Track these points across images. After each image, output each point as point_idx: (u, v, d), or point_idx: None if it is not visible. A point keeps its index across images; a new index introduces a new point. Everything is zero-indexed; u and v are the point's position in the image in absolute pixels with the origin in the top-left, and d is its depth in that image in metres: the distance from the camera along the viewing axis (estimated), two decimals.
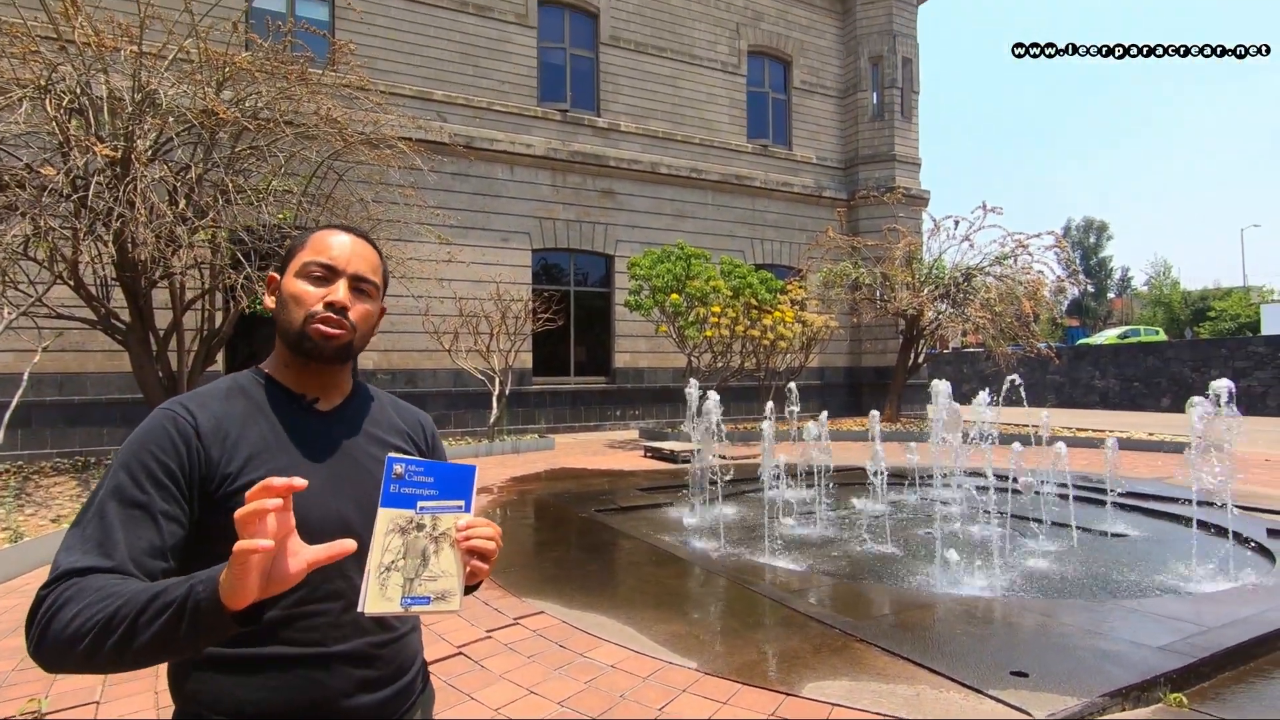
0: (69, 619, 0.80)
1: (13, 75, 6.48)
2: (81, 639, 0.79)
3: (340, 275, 1.08)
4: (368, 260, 1.12)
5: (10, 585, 4.47)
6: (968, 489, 5.80)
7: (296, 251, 1.10)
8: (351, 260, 1.09)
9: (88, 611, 0.80)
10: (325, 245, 1.09)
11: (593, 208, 14.66)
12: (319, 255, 1.08)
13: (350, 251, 1.10)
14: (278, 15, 10.90)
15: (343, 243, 1.10)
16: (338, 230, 1.13)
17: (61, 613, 0.81)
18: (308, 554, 0.82)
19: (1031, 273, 13.61)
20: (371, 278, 1.11)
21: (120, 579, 0.85)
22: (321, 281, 1.07)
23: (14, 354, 8.57)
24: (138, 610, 0.79)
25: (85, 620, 0.79)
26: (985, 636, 3.33)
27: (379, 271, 1.14)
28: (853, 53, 17.99)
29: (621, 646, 3.26)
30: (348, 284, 1.08)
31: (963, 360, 27.32)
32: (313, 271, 1.07)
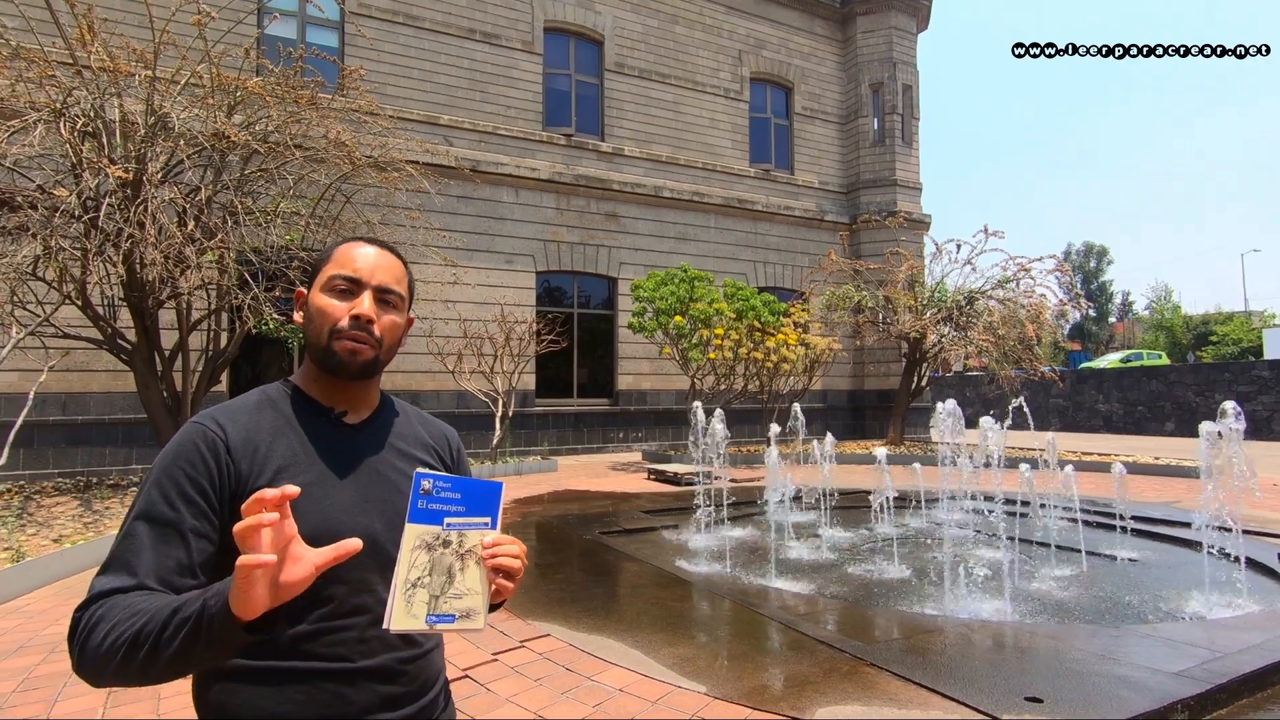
0: (101, 638, 0.82)
1: (29, 99, 6.59)
2: (114, 656, 0.81)
3: (365, 288, 1.07)
4: (392, 271, 1.11)
5: (11, 606, 4.43)
6: (975, 512, 5.77)
7: (322, 265, 1.10)
8: (376, 272, 1.09)
9: (117, 630, 0.82)
10: (349, 258, 1.09)
11: (597, 230, 14.77)
12: (343, 268, 1.07)
13: (374, 263, 1.09)
14: (289, 42, 11.11)
15: (367, 255, 1.10)
16: (362, 242, 1.12)
17: (94, 633, 0.83)
18: (313, 557, 0.82)
19: (1034, 296, 13.66)
20: (396, 289, 1.11)
21: (147, 595, 0.87)
22: (346, 295, 1.07)
23: (19, 373, 8.60)
24: (160, 626, 0.80)
25: (115, 638, 0.81)
26: (997, 661, 3.29)
27: (404, 282, 1.14)
28: (854, 79, 18.25)
29: (629, 670, 3.22)
30: (372, 296, 1.07)
31: (965, 383, 27.29)
32: (337, 285, 1.07)
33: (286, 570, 0.79)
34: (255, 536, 0.77)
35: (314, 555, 0.82)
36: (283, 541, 0.79)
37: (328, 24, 12.57)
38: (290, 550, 0.80)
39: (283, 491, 0.79)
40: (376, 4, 12.95)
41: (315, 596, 0.95)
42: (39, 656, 3.53)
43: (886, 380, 17.01)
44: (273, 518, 0.77)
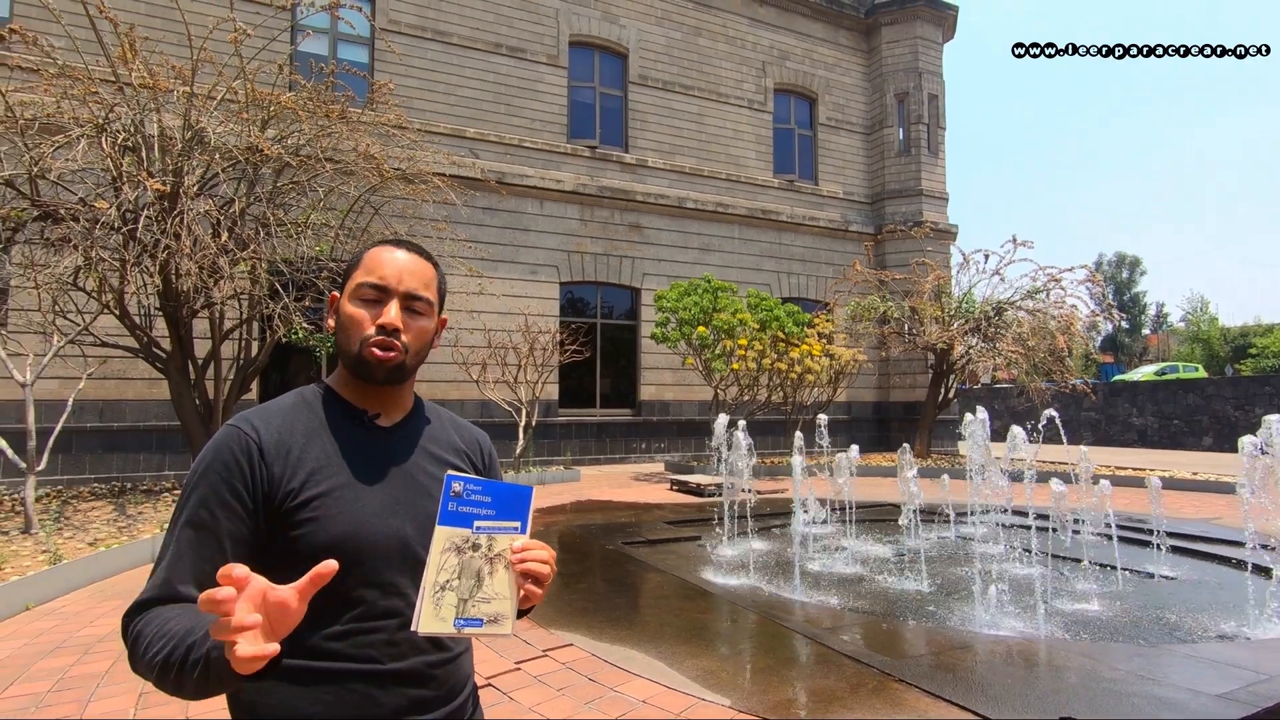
0: (140, 655, 0.88)
1: (73, 115, 6.81)
2: (150, 675, 0.87)
3: (392, 295, 1.07)
4: (420, 276, 1.10)
5: (49, 607, 4.53)
6: (1005, 526, 5.65)
7: (352, 271, 1.10)
8: (403, 278, 1.08)
9: (150, 651, 0.86)
10: (377, 264, 1.08)
11: (620, 241, 14.83)
12: (370, 276, 1.08)
13: (402, 269, 1.09)
14: (321, 58, 11.37)
15: (394, 260, 1.09)
16: (390, 246, 1.12)
17: (135, 647, 0.89)
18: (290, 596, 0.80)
19: (1064, 307, 13.40)
20: (424, 294, 1.10)
21: (181, 609, 0.90)
22: (374, 303, 1.07)
23: (59, 381, 8.83)
24: (179, 663, 0.83)
25: (150, 660, 0.86)
26: (1031, 680, 3.20)
27: (433, 286, 1.13)
28: (878, 90, 18.16)
29: (652, 681, 3.19)
30: (399, 303, 1.07)
31: (994, 396, 26.83)
32: (366, 294, 1.07)
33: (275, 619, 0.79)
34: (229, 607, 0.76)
35: (290, 593, 0.80)
36: (257, 600, 0.79)
37: (358, 40, 12.85)
38: (269, 600, 0.79)
39: (213, 594, 0.76)
40: (406, 20, 13.21)
41: (347, 598, 0.96)
42: (74, 657, 3.60)
43: (913, 392, 16.79)
44: (227, 607, 0.75)
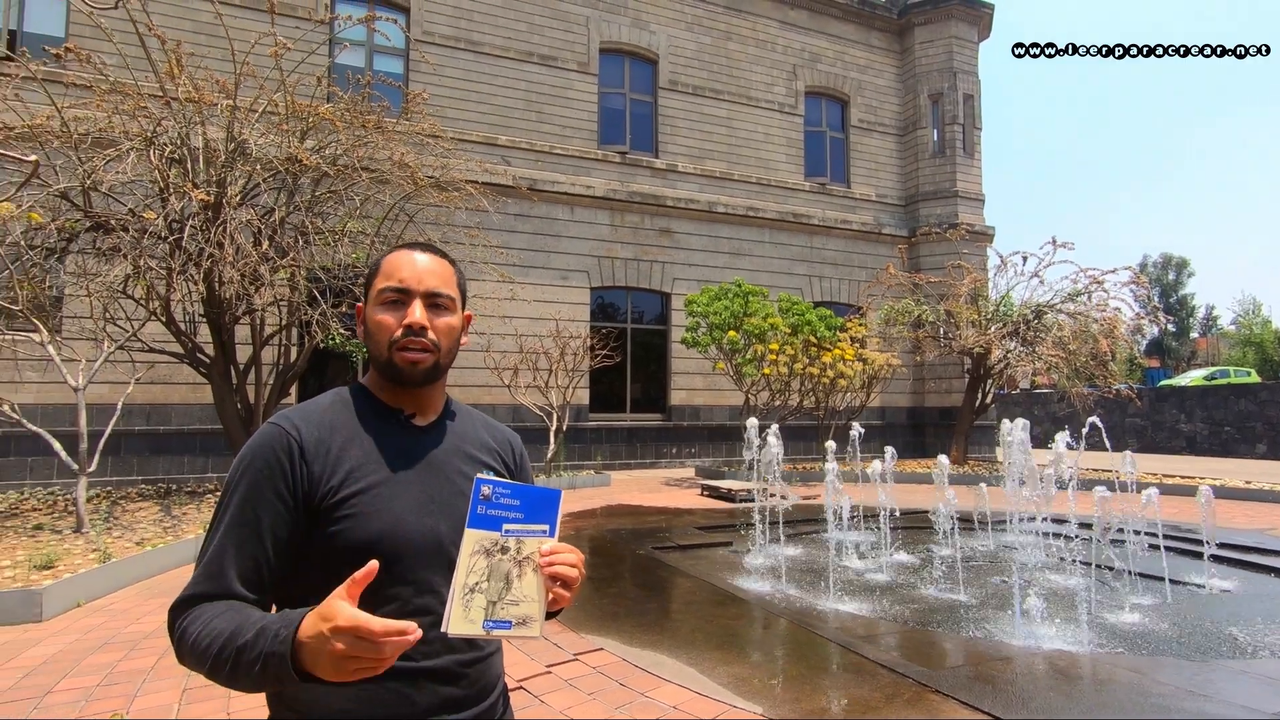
0: (187, 650, 0.91)
1: (123, 129, 7.07)
2: (201, 668, 0.89)
3: (414, 296, 1.09)
4: (439, 274, 1.12)
5: (98, 604, 4.69)
6: (1046, 535, 5.50)
7: (372, 279, 1.12)
8: (423, 278, 1.10)
9: (198, 647, 0.89)
10: (395, 267, 1.10)
11: (650, 246, 14.85)
12: (390, 280, 1.09)
13: (420, 269, 1.10)
14: (358, 70, 11.61)
15: (412, 262, 1.10)
16: (406, 249, 1.13)
17: (183, 643, 0.91)
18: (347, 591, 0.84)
19: (1107, 310, 13.02)
20: (445, 291, 1.12)
21: (227, 606, 0.93)
22: (397, 306, 1.09)
23: (109, 385, 9.15)
24: (230, 659, 0.86)
25: (199, 655, 0.89)
26: (1074, 694, 3.11)
27: (453, 283, 1.14)
28: (912, 90, 17.91)
29: (683, 687, 3.17)
30: (423, 303, 1.09)
31: (1034, 401, 26.18)
32: (388, 298, 1.09)
33: None
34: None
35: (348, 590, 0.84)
36: None
37: (394, 52, 13.11)
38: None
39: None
40: (440, 31, 13.44)
41: (383, 595, 0.97)
42: (121, 653, 3.71)
43: (948, 397, 16.47)
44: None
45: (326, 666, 0.81)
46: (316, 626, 0.81)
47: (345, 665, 0.80)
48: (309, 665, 0.82)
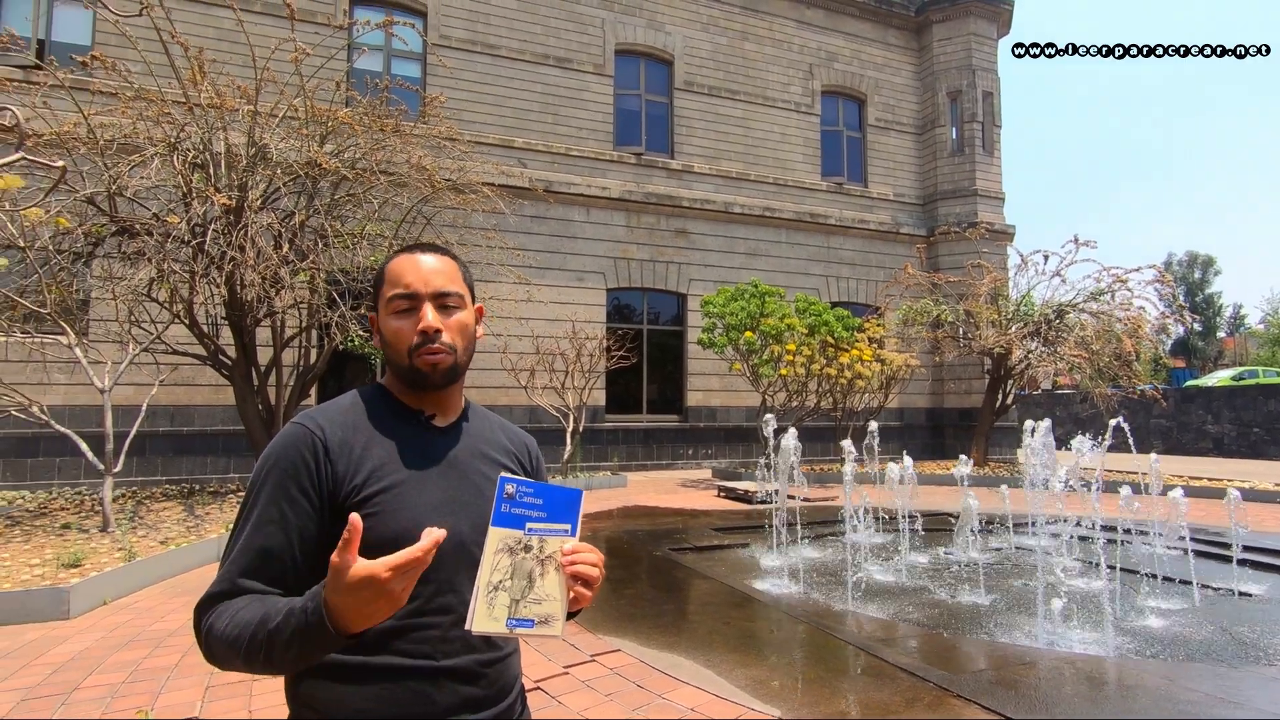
0: (216, 642, 0.91)
1: (148, 135, 7.19)
2: (229, 659, 0.91)
3: (423, 299, 1.09)
4: (444, 273, 1.12)
5: (124, 602, 4.77)
6: (1070, 538, 5.41)
7: (380, 288, 1.13)
8: (429, 279, 1.10)
9: (228, 637, 0.90)
10: (400, 273, 1.10)
11: (666, 247, 14.84)
12: (397, 286, 1.10)
13: (425, 271, 1.10)
14: (376, 74, 11.74)
15: (416, 265, 1.11)
16: (407, 253, 1.13)
17: (211, 637, 0.92)
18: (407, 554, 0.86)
19: (1131, 309, 12.80)
20: (452, 289, 1.12)
21: (250, 599, 0.94)
22: (409, 312, 1.09)
23: (134, 387, 9.30)
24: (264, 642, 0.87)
25: (227, 644, 0.90)
26: (1099, 699, 3.05)
27: (458, 279, 1.14)
28: (930, 89, 17.75)
29: (701, 689, 3.16)
30: (433, 306, 1.09)
31: (1055, 402, 25.82)
32: (399, 305, 1.09)
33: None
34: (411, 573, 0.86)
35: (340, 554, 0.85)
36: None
37: (411, 56, 13.22)
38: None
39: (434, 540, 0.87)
40: (456, 35, 13.53)
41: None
42: (146, 650, 3.77)
43: (968, 398, 16.29)
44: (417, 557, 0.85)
45: (358, 619, 0.84)
46: (333, 591, 0.84)
47: (374, 611, 0.84)
48: (345, 627, 0.85)
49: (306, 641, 0.85)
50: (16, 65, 9.21)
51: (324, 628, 0.83)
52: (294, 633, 0.85)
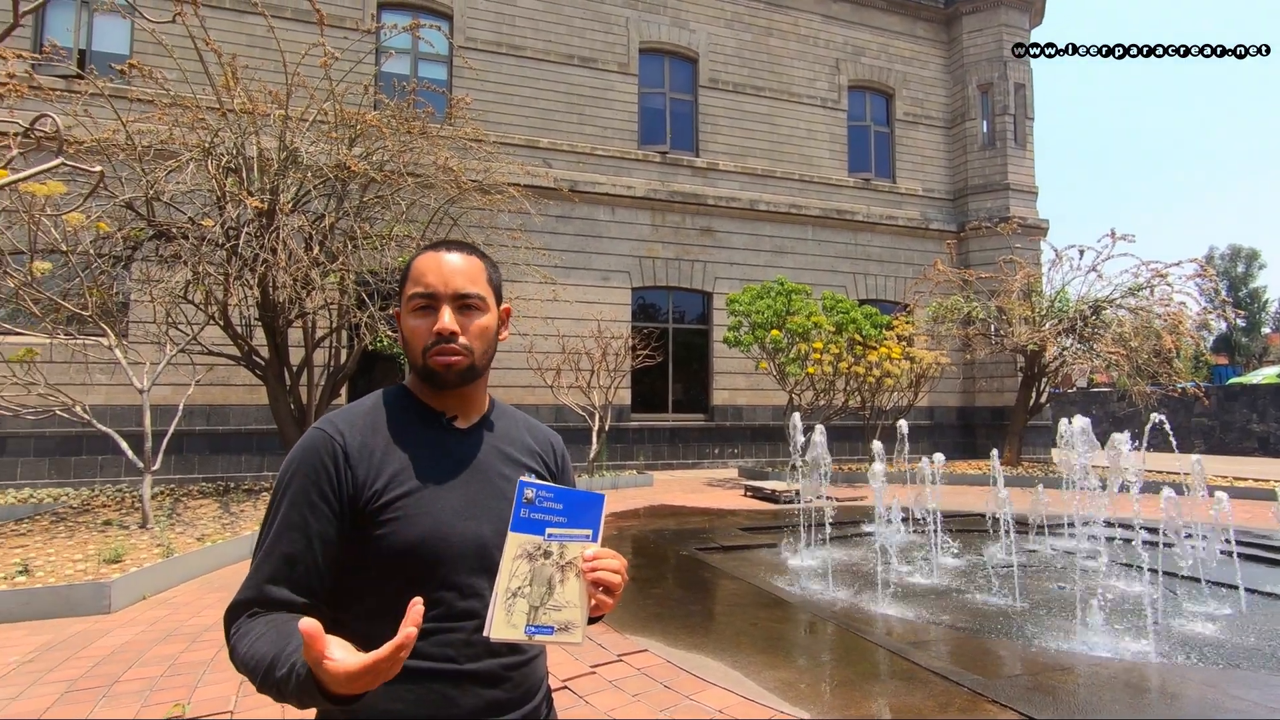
0: (237, 664, 0.93)
1: (183, 141, 7.36)
2: (250, 680, 0.91)
3: (442, 300, 1.07)
4: (466, 274, 1.09)
5: (162, 597, 4.88)
6: (1109, 540, 5.27)
7: (403, 284, 1.11)
8: (450, 280, 1.07)
9: (246, 665, 0.91)
10: (421, 272, 1.08)
11: (692, 246, 14.79)
12: (417, 285, 1.07)
13: (447, 271, 1.07)
14: (403, 77, 11.87)
15: (438, 265, 1.08)
16: (432, 251, 1.10)
17: (234, 657, 0.94)
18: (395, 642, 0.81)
19: (1171, 304, 12.43)
20: (473, 290, 1.09)
21: (267, 625, 0.93)
22: (427, 311, 1.07)
23: (171, 387, 9.54)
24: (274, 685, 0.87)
25: (246, 672, 0.91)
26: (1141, 706, 2.96)
27: (482, 280, 1.11)
28: (960, 81, 17.43)
29: (729, 691, 3.13)
30: (452, 308, 1.07)
31: (1091, 400, 25.21)
32: (417, 304, 1.07)
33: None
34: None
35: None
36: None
37: (437, 58, 13.35)
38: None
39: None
40: (482, 37, 13.63)
41: (427, 599, 0.97)
42: (184, 644, 3.85)
43: (1000, 396, 15.97)
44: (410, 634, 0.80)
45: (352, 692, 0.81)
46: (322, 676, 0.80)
47: (366, 688, 0.81)
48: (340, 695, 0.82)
49: (309, 699, 0.83)
50: (59, 75, 9.49)
51: (319, 695, 0.81)
52: (295, 690, 0.84)
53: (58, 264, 6.98)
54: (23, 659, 3.64)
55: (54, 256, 6.99)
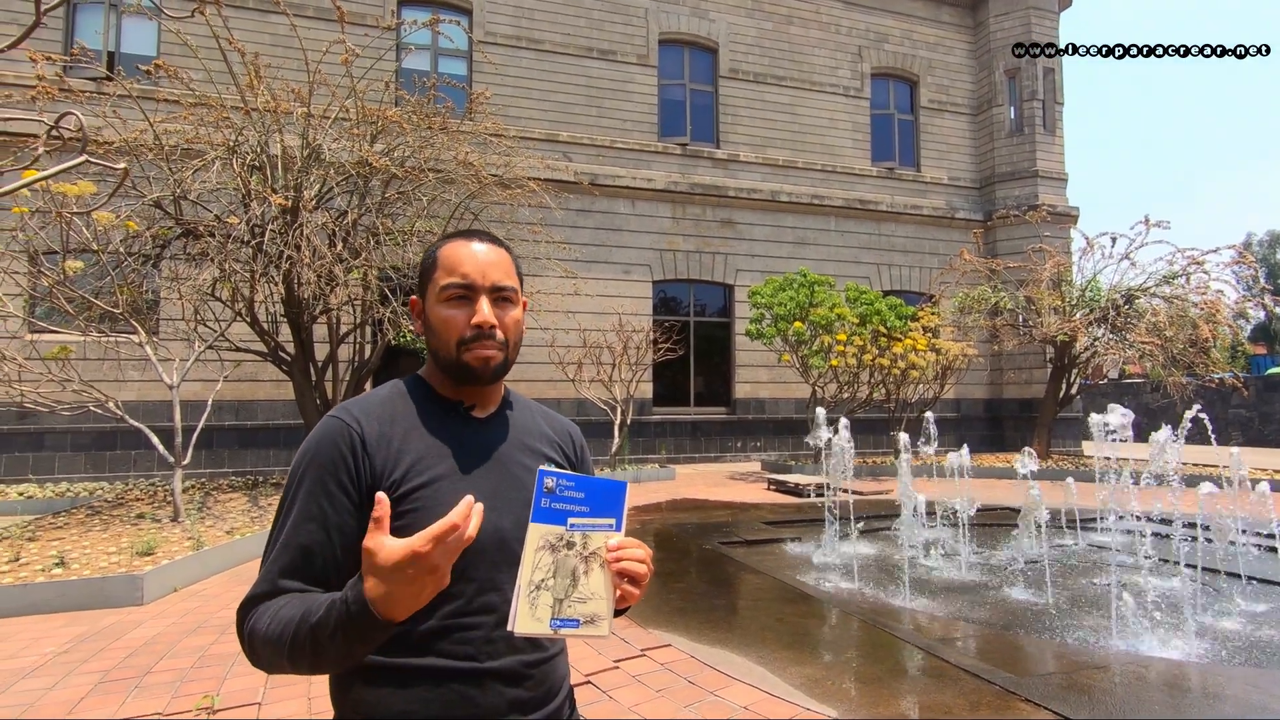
0: (260, 643, 0.89)
1: (208, 140, 7.45)
2: (274, 660, 0.89)
3: (480, 291, 1.05)
4: (501, 266, 1.08)
5: (193, 590, 4.97)
6: (1144, 534, 5.13)
7: (431, 272, 1.08)
8: (487, 271, 1.05)
9: (271, 636, 0.88)
10: (457, 261, 1.06)
11: (713, 238, 14.69)
12: (454, 275, 1.05)
13: (483, 263, 1.06)
14: (423, 73, 11.90)
15: (473, 255, 1.06)
16: (464, 240, 1.08)
17: (254, 638, 0.90)
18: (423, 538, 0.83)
19: (1208, 292, 12.08)
20: (509, 283, 1.08)
21: (289, 598, 0.91)
22: (463, 302, 1.04)
23: (201, 383, 9.71)
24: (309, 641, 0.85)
25: (271, 644, 0.88)
26: (1182, 706, 2.87)
27: (513, 273, 1.11)
28: (986, 67, 17.07)
29: (754, 687, 3.10)
30: (490, 300, 1.05)
31: (1123, 392, 24.67)
32: (452, 294, 1.04)
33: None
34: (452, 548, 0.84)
35: (372, 534, 0.84)
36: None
37: (457, 54, 13.38)
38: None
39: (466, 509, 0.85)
40: (501, 31, 13.63)
41: (444, 593, 0.94)
42: (213, 636, 3.91)
43: (1029, 388, 15.68)
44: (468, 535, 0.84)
45: (402, 602, 0.82)
46: (372, 576, 0.82)
47: (418, 591, 0.82)
48: (389, 613, 0.82)
49: (351, 633, 0.82)
50: (89, 78, 9.66)
51: (367, 616, 0.80)
52: (337, 625, 0.82)
53: (89, 263, 7.12)
54: (59, 649, 3.72)
55: (85, 256, 7.13)
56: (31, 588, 4.44)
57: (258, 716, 2.91)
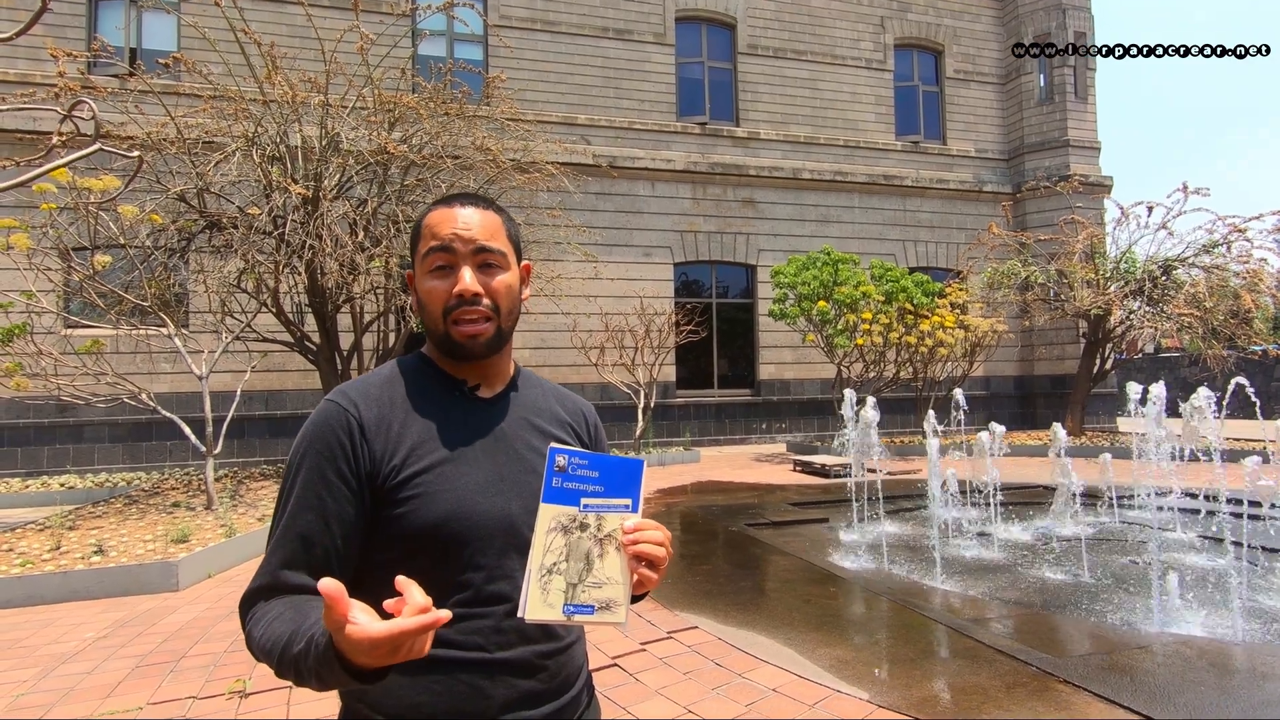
0: (255, 651, 0.87)
1: (228, 132, 7.50)
2: (267, 665, 0.85)
3: (461, 257, 0.98)
4: (485, 227, 1.00)
5: (226, 575, 5.06)
6: (1185, 511, 4.98)
7: (417, 243, 1.02)
8: (467, 234, 0.98)
9: (263, 648, 0.85)
10: (435, 226, 0.99)
11: (734, 218, 14.51)
12: (433, 240, 0.99)
13: (463, 224, 0.99)
14: (439, 59, 11.86)
15: (452, 217, 0.99)
16: (445, 204, 1.01)
17: (251, 643, 0.88)
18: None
19: (1250, 261, 11.65)
20: (494, 245, 1.00)
21: (284, 605, 0.87)
22: (446, 271, 0.99)
23: (230, 374, 9.86)
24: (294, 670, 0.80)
25: (264, 656, 0.85)
26: (1229, 688, 2.77)
27: (502, 234, 1.02)
28: (1014, 34, 16.53)
29: (782, 669, 3.06)
30: (473, 265, 0.99)
31: (1159, 366, 24.02)
32: (435, 261, 0.99)
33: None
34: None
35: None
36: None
37: (472, 38, 13.29)
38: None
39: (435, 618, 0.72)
40: (516, 14, 13.50)
41: (452, 582, 0.91)
42: None
43: (1061, 364, 15.32)
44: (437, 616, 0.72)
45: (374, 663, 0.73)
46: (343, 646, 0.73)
47: (390, 661, 0.72)
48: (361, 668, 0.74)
49: (328, 673, 0.76)
50: (112, 74, 9.77)
51: (340, 668, 0.74)
52: (313, 663, 0.77)
53: (118, 258, 7.24)
54: (98, 635, 3.81)
55: (114, 250, 7.24)
56: (72, 575, 4.56)
57: (288, 700, 2.94)
